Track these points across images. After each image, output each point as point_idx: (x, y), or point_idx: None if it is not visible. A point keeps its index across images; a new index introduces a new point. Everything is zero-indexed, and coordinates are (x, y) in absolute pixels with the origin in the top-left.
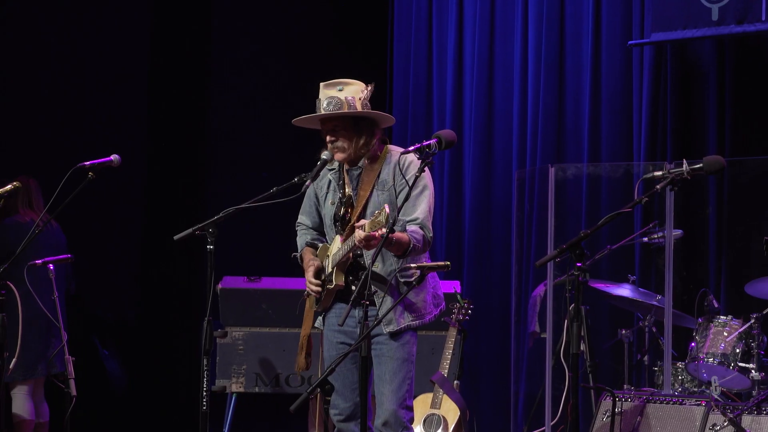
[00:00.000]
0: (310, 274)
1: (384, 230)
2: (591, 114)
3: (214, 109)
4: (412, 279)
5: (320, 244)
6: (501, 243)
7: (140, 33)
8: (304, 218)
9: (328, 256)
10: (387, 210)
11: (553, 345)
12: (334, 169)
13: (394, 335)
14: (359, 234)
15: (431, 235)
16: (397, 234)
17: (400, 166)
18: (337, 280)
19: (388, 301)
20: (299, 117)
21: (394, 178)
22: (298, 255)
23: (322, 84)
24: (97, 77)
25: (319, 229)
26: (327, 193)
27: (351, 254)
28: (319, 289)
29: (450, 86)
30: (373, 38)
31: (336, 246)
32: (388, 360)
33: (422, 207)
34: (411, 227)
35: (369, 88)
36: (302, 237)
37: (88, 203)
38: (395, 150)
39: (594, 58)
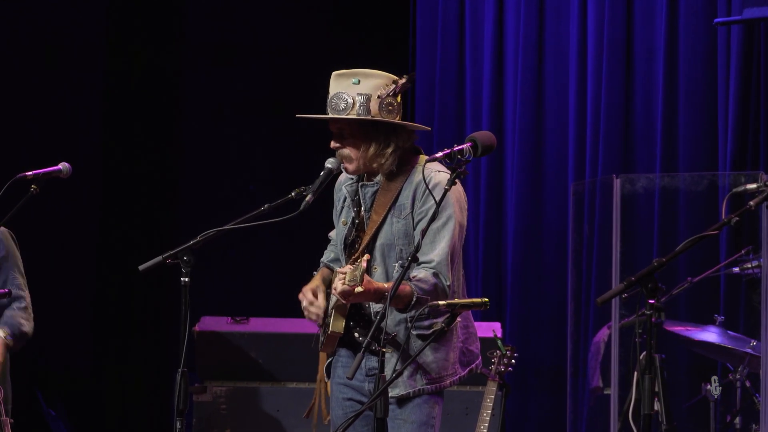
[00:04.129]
0: (306, 287)
1: (359, 288)
2: (665, 112)
3: (187, 105)
4: (430, 332)
5: (337, 268)
6: (553, 274)
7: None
8: (333, 231)
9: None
10: (364, 265)
11: (620, 404)
12: (352, 179)
13: (402, 401)
14: (336, 285)
15: (448, 283)
16: (398, 288)
17: (424, 188)
18: (335, 327)
19: (394, 360)
20: (301, 114)
21: (413, 202)
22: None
23: (334, 74)
24: (42, 62)
25: None
26: (342, 208)
27: None
28: (317, 311)
29: (487, 76)
30: (390, 14)
31: None
32: (401, 424)
33: (441, 246)
34: (420, 274)
35: (401, 82)
36: (326, 254)
37: (29, 223)
38: (427, 165)
39: (669, 41)
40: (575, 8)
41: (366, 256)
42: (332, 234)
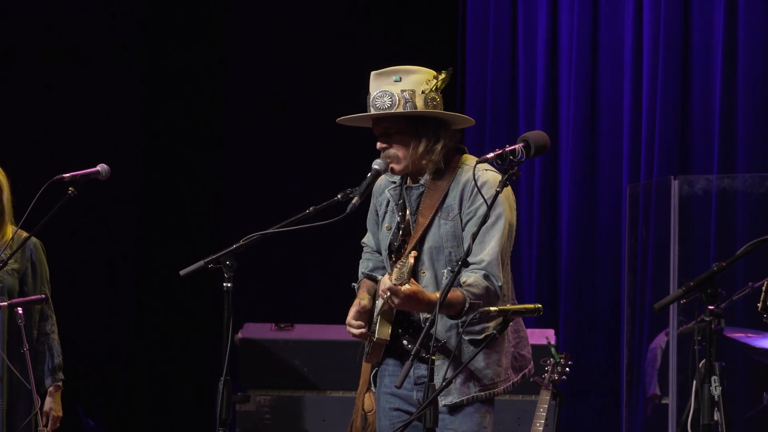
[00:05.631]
0: (349, 315)
1: (407, 286)
2: (723, 109)
3: (229, 103)
4: (482, 337)
5: (380, 276)
6: (608, 279)
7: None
8: (369, 237)
9: (379, 297)
10: (411, 262)
11: (678, 413)
12: (395, 182)
13: (454, 409)
14: (384, 284)
15: (500, 284)
16: (449, 295)
17: (472, 186)
18: (381, 333)
19: (445, 367)
20: (343, 117)
21: (461, 203)
22: (356, 286)
23: (373, 73)
24: (80, 61)
25: None
26: (385, 213)
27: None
28: (360, 332)
29: (541, 74)
30: (440, 8)
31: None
32: None
33: (491, 245)
34: (470, 278)
35: (441, 77)
36: (363, 263)
37: (67, 226)
38: (471, 162)
39: (727, 37)
40: (630, 4)
41: (413, 253)
42: (366, 240)
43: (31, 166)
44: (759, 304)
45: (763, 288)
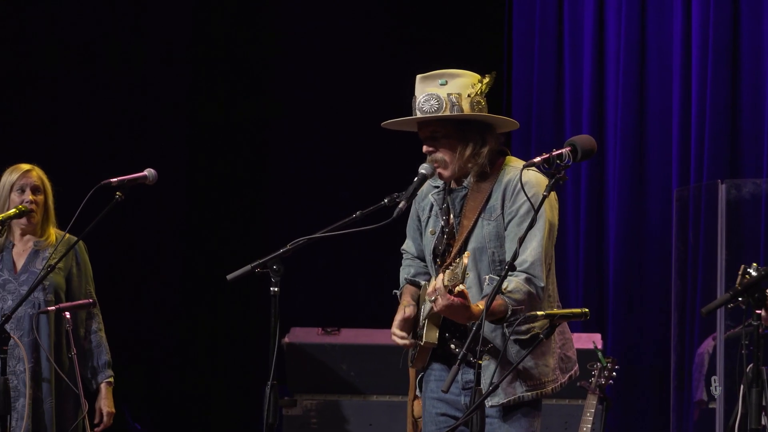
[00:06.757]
0: (394, 323)
1: (461, 286)
2: None
3: (274, 108)
4: (527, 336)
5: (423, 282)
6: (656, 283)
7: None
8: (409, 244)
9: (426, 300)
10: (465, 261)
11: (726, 418)
12: (438, 187)
13: (502, 411)
14: (434, 284)
15: (543, 285)
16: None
17: (514, 186)
18: (428, 337)
19: (492, 367)
20: (388, 121)
21: (503, 203)
22: (399, 293)
23: (419, 77)
24: (127, 66)
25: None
26: (428, 218)
27: None
28: (405, 342)
29: (587, 78)
30: (486, 12)
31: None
32: None
33: (533, 246)
34: (511, 285)
35: (485, 81)
36: (404, 269)
37: (114, 230)
38: (515, 164)
39: None
40: (679, 7)
41: (467, 253)
42: (406, 247)
43: (78, 171)
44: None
45: (739, 272)
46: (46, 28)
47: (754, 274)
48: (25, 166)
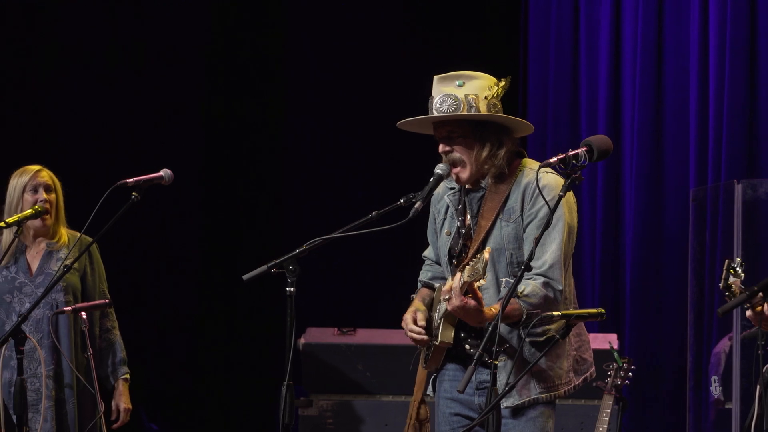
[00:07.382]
0: (407, 321)
1: (482, 281)
2: None
3: (289, 108)
4: (543, 338)
5: (437, 284)
6: (673, 283)
7: (198, 7)
8: (429, 250)
9: (440, 301)
10: (486, 256)
11: (742, 418)
12: (454, 188)
13: (516, 411)
14: (450, 284)
15: (560, 287)
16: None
17: (533, 188)
18: (444, 337)
19: (508, 368)
20: (403, 120)
21: (522, 205)
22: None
23: (436, 77)
24: (142, 63)
25: None
26: (444, 220)
27: None
28: (422, 337)
29: (603, 78)
30: (502, 13)
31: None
32: None
33: (552, 249)
34: (527, 288)
35: (501, 84)
36: (422, 273)
37: (130, 231)
38: (532, 166)
39: None
40: (696, 8)
41: (488, 249)
42: (427, 253)
43: (94, 172)
44: (721, 283)
45: (724, 267)
46: (61, 28)
47: (738, 269)
48: (34, 167)
